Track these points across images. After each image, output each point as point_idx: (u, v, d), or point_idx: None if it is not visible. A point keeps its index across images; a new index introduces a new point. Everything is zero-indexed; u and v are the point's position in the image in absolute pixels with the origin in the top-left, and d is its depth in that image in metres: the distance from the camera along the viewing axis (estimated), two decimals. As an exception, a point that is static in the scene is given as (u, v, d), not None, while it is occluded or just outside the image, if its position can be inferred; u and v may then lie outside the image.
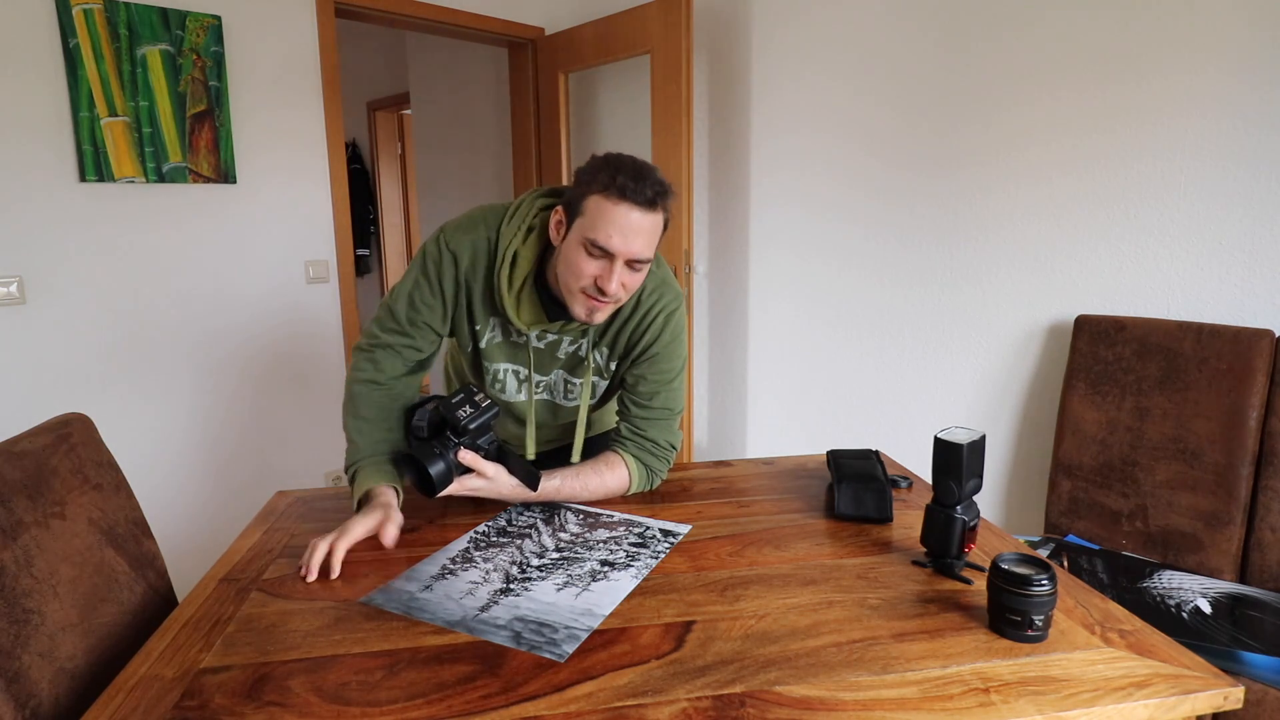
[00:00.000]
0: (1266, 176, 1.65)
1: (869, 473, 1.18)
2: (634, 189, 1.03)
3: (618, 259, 1.05)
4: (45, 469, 0.93)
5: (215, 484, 2.49)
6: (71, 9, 2.06)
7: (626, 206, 1.03)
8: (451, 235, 1.17)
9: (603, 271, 1.06)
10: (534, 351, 1.22)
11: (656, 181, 1.06)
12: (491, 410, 1.11)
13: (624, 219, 1.04)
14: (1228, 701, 0.73)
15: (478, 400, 1.10)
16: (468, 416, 1.08)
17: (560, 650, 0.79)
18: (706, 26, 2.76)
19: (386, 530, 1.05)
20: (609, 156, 1.08)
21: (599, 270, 1.06)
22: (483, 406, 1.10)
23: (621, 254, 1.05)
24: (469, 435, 1.08)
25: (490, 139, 3.82)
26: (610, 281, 1.06)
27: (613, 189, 1.03)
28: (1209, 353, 1.67)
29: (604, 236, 1.04)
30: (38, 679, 0.77)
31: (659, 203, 1.06)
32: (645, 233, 1.05)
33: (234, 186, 2.43)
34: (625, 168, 1.05)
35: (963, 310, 2.21)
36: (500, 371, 1.25)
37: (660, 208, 1.07)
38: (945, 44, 2.15)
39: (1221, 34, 1.68)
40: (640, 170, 1.05)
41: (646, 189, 1.04)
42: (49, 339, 2.13)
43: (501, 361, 1.24)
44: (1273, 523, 1.56)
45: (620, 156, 1.08)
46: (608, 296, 1.07)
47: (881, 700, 0.71)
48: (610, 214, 1.04)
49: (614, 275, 1.06)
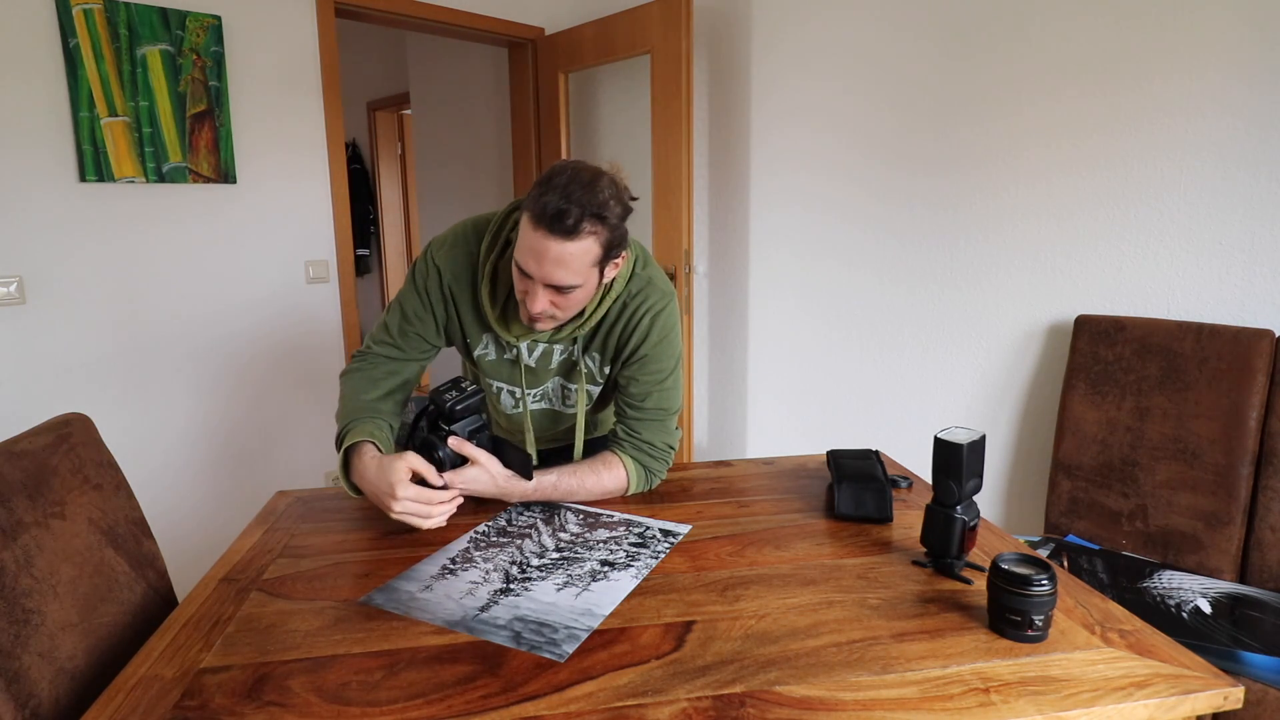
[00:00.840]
0: (1266, 177, 1.65)
1: (869, 473, 1.18)
2: (553, 217, 0.96)
3: (537, 283, 1.03)
4: (45, 469, 0.93)
5: (215, 484, 2.49)
6: (71, 9, 2.06)
7: (541, 234, 0.98)
8: (437, 251, 1.19)
9: (527, 289, 1.05)
10: (525, 369, 1.23)
11: (586, 204, 0.97)
12: (477, 394, 1.13)
13: (538, 245, 0.99)
14: (1228, 701, 0.73)
15: (464, 386, 1.13)
16: (453, 399, 1.11)
17: (560, 650, 0.79)
18: (706, 26, 2.76)
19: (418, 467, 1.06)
20: (554, 169, 1.01)
21: (525, 288, 1.06)
22: (468, 390, 1.12)
23: (538, 280, 1.02)
24: (456, 418, 1.11)
25: (490, 139, 3.82)
26: (534, 302, 1.04)
27: (535, 212, 0.98)
28: (1209, 353, 1.67)
29: (521, 258, 1.02)
30: (38, 679, 0.77)
31: (580, 229, 0.98)
32: (563, 263, 0.99)
33: (234, 186, 2.43)
34: (555, 187, 0.97)
35: (963, 310, 2.21)
36: (495, 389, 1.28)
37: (584, 234, 0.98)
38: (946, 44, 2.15)
39: (1221, 36, 1.68)
40: (569, 190, 0.97)
41: (569, 215, 0.96)
42: (49, 339, 2.13)
43: (498, 380, 1.27)
44: (1273, 523, 1.56)
45: (564, 170, 1.00)
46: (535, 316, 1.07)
47: (881, 700, 0.71)
48: (528, 238, 1.00)
49: (536, 297, 1.04)
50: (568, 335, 1.19)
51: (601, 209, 0.99)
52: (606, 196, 1.00)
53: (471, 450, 1.10)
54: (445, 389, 1.12)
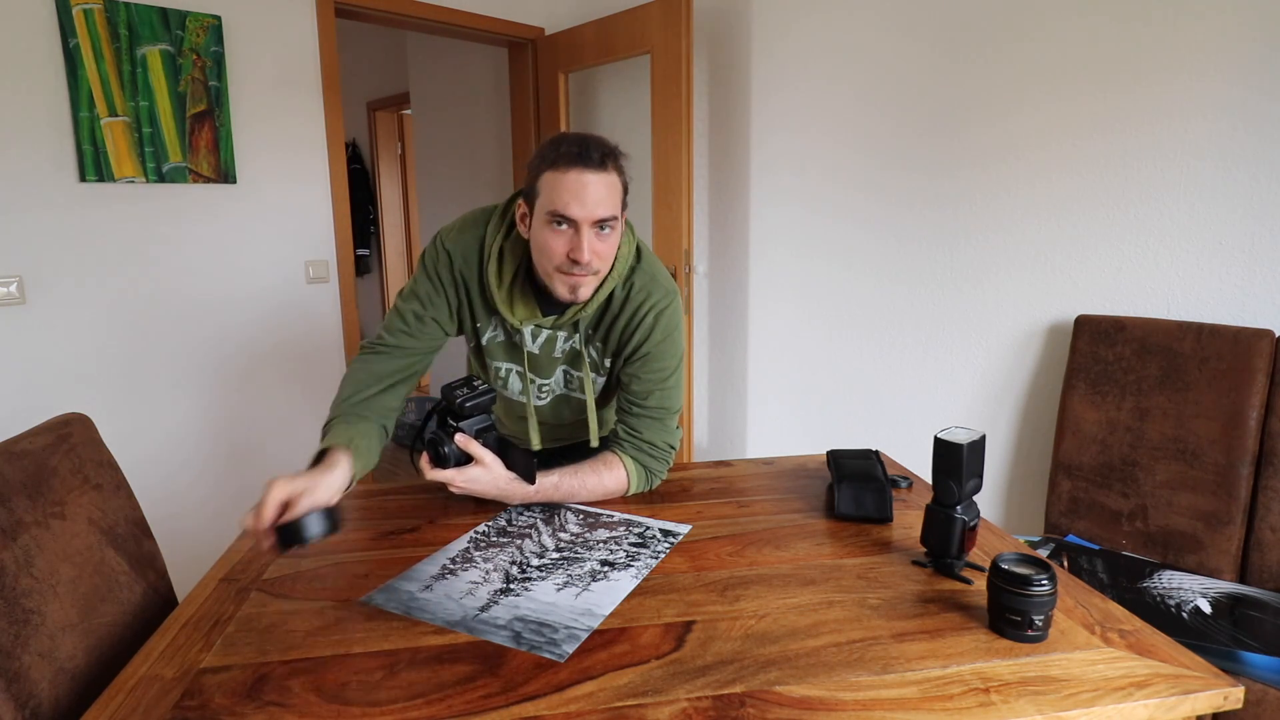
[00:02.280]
0: (1266, 177, 1.65)
1: (869, 473, 1.18)
2: (579, 154, 1.05)
3: (582, 225, 1.06)
4: (45, 469, 0.93)
5: (215, 484, 2.49)
6: (71, 9, 2.06)
7: (577, 171, 1.04)
8: (446, 236, 1.21)
9: (572, 243, 1.07)
10: (529, 355, 1.23)
11: (601, 144, 1.07)
12: (488, 394, 1.13)
13: (577, 184, 1.05)
14: (1228, 701, 0.73)
15: (476, 385, 1.13)
16: (464, 396, 1.11)
17: (560, 650, 0.79)
18: (706, 27, 2.76)
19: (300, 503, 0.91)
20: (552, 137, 1.10)
21: (568, 243, 1.07)
22: (479, 389, 1.13)
23: (583, 219, 1.06)
24: (465, 415, 1.11)
25: (490, 139, 3.82)
26: (581, 250, 1.07)
27: (559, 160, 1.05)
28: (1209, 353, 1.67)
29: (563, 204, 1.05)
30: (38, 679, 0.77)
31: (608, 162, 1.07)
32: (602, 192, 1.06)
33: (234, 186, 2.43)
34: (568, 139, 1.07)
35: (963, 310, 2.21)
36: (503, 370, 1.27)
37: (611, 167, 1.07)
38: (946, 44, 2.15)
39: (1220, 37, 1.68)
40: (583, 138, 1.07)
41: (592, 151, 1.05)
42: (49, 339, 2.13)
43: (504, 361, 1.26)
44: (1273, 523, 1.56)
45: (563, 133, 1.10)
46: (583, 267, 1.08)
47: (881, 700, 0.71)
48: (563, 183, 1.05)
49: (583, 243, 1.06)
50: (569, 320, 1.18)
51: (614, 148, 1.09)
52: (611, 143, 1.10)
53: (477, 449, 1.11)
54: (457, 385, 1.13)
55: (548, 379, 1.27)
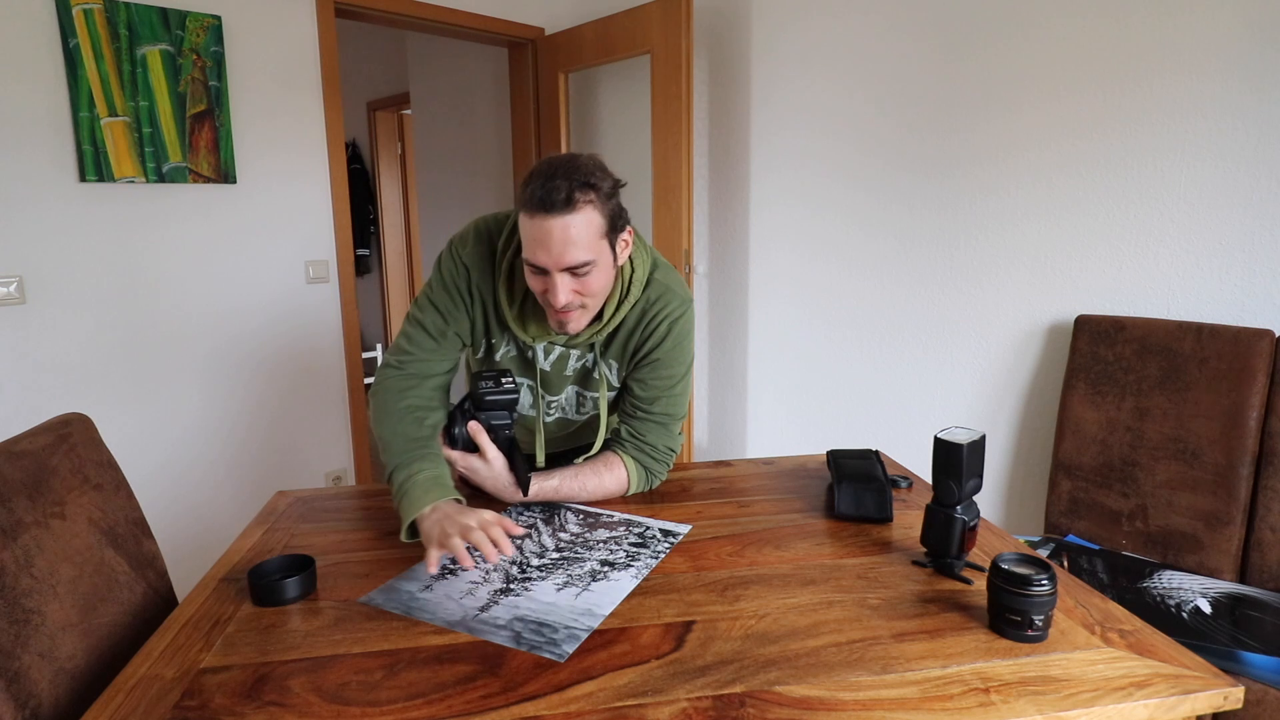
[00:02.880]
0: (1266, 177, 1.65)
1: (869, 473, 1.18)
2: (542, 197, 0.98)
3: (553, 272, 1.03)
4: (45, 469, 0.93)
5: (215, 484, 2.49)
6: (71, 9, 2.06)
7: (540, 218, 0.99)
8: (461, 248, 1.17)
9: (546, 285, 1.05)
10: (541, 373, 1.22)
11: (571, 176, 0.99)
12: (512, 393, 1.13)
13: (540, 232, 1.00)
14: (1228, 701, 0.73)
15: (504, 381, 1.13)
16: (487, 389, 1.12)
17: (560, 650, 0.79)
18: (706, 27, 2.76)
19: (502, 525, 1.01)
20: (537, 165, 1.03)
21: (543, 285, 1.05)
22: (505, 386, 1.12)
23: (552, 267, 1.02)
24: (483, 407, 1.12)
25: (490, 139, 3.82)
26: (557, 295, 1.03)
27: (527, 203, 1.00)
28: (1209, 353, 1.67)
29: (530, 254, 1.02)
30: (38, 679, 0.77)
31: (577, 199, 0.99)
32: (570, 236, 1.00)
33: (234, 186, 2.43)
34: (539, 174, 1.00)
35: (962, 310, 2.21)
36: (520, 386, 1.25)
37: (582, 204, 1.00)
38: (946, 44, 2.15)
39: (1221, 37, 1.67)
40: (553, 172, 0.99)
41: (558, 191, 0.98)
42: (49, 339, 2.13)
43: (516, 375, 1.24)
44: (1273, 523, 1.56)
45: (543, 162, 1.02)
46: (561, 310, 1.06)
47: (881, 700, 0.71)
48: (529, 231, 1.01)
49: (558, 288, 1.03)
50: (585, 340, 1.18)
51: (588, 177, 1.01)
52: (591, 168, 1.02)
53: (484, 441, 1.12)
54: (488, 375, 1.13)
55: (556, 396, 1.26)
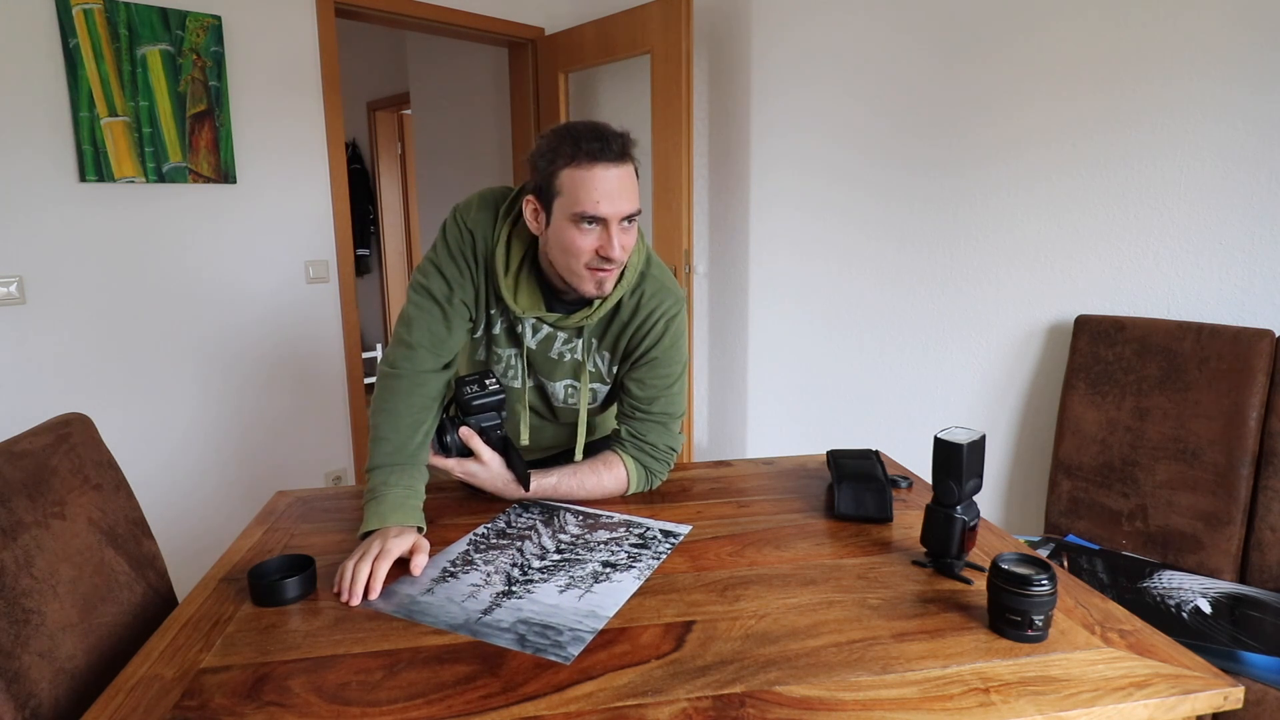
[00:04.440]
0: (1266, 177, 1.65)
1: (869, 473, 1.18)
2: (601, 149, 1.01)
3: (612, 223, 1.04)
4: (45, 469, 0.93)
5: (215, 484, 2.49)
6: (71, 9, 2.06)
7: (602, 168, 1.02)
8: (465, 212, 1.16)
9: (601, 241, 1.05)
10: (527, 350, 1.21)
11: (618, 135, 1.04)
12: (498, 394, 1.13)
13: (603, 182, 1.02)
14: (1228, 701, 0.73)
15: (488, 383, 1.14)
16: (472, 394, 1.12)
17: (566, 653, 0.79)
18: (706, 27, 2.76)
19: (417, 558, 0.98)
20: (559, 129, 1.05)
21: (597, 241, 1.05)
22: (490, 388, 1.13)
23: (612, 216, 1.04)
24: (472, 412, 1.12)
25: (490, 139, 3.82)
26: (612, 247, 1.05)
27: (581, 157, 1.01)
28: (1209, 353, 1.67)
29: (592, 205, 1.02)
30: (38, 679, 0.77)
31: (628, 153, 1.05)
32: (628, 187, 1.05)
33: (234, 186, 2.43)
34: (584, 133, 1.03)
35: (963, 310, 2.21)
36: (511, 356, 1.23)
37: (630, 157, 1.05)
38: (946, 45, 2.15)
39: (1221, 37, 1.67)
40: (598, 129, 1.03)
41: (613, 144, 1.02)
42: (49, 339, 2.13)
43: (508, 347, 1.22)
44: (1273, 523, 1.56)
45: (571, 125, 1.05)
46: (613, 263, 1.07)
47: (881, 700, 0.71)
48: (589, 182, 1.02)
49: (613, 240, 1.05)
50: (574, 324, 1.17)
51: (628, 135, 1.06)
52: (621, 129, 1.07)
53: (478, 445, 1.12)
54: (470, 380, 1.13)
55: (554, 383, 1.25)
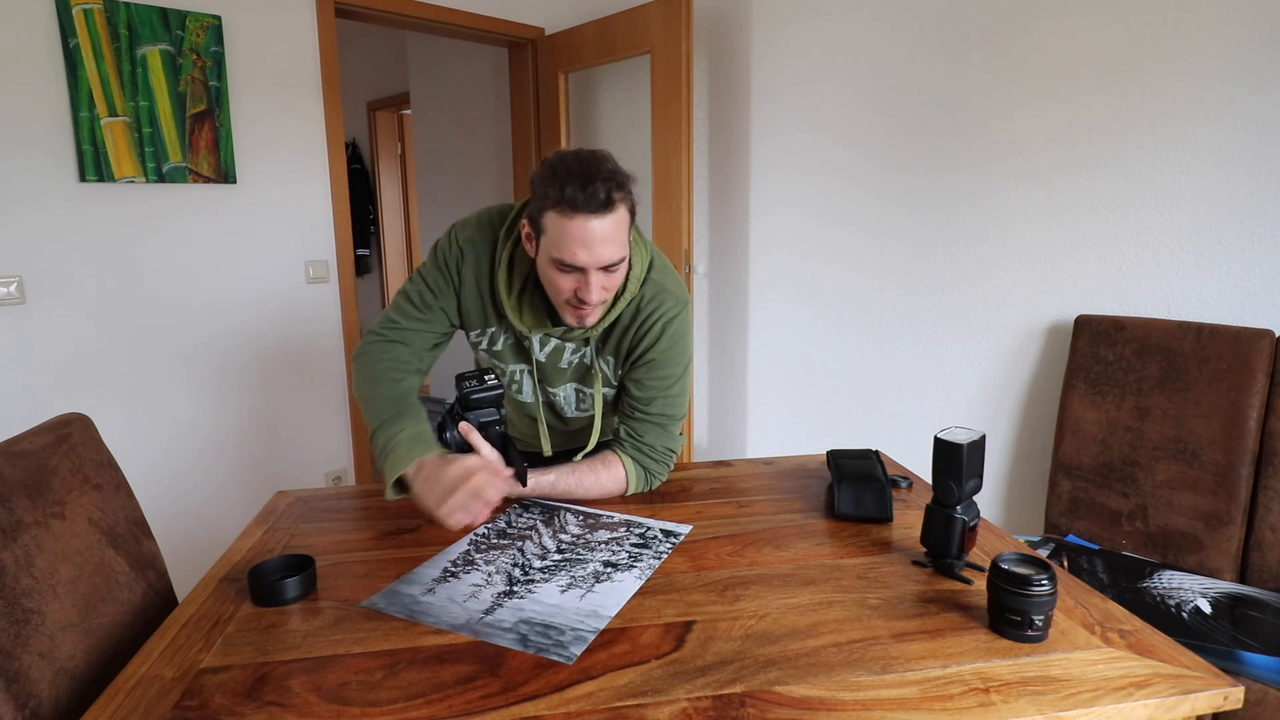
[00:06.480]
0: (1266, 177, 1.65)
1: (869, 473, 1.18)
2: (584, 198, 0.98)
3: (590, 270, 1.04)
4: (45, 469, 0.93)
5: (215, 484, 2.49)
6: (71, 9, 2.06)
7: (582, 219, 1.00)
8: (461, 232, 1.20)
9: (579, 284, 1.06)
10: (537, 363, 1.23)
11: (607, 177, 1.00)
12: (495, 389, 1.14)
13: (582, 233, 1.01)
14: (1228, 701, 0.73)
15: (487, 379, 1.15)
16: (471, 388, 1.13)
17: (568, 653, 0.79)
18: (706, 27, 2.76)
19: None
20: (555, 163, 1.02)
21: (575, 283, 1.07)
22: (488, 384, 1.14)
23: (590, 266, 1.04)
24: (470, 406, 1.13)
25: (490, 139, 3.82)
26: (589, 292, 1.06)
27: (564, 204, 1.00)
28: (1209, 353, 1.67)
29: (569, 255, 1.03)
30: (38, 679, 0.77)
31: (614, 200, 1.01)
32: (609, 237, 1.02)
33: (234, 186, 2.43)
34: (572, 175, 0.99)
35: (963, 310, 2.21)
36: (517, 373, 1.27)
37: (617, 204, 1.02)
38: (946, 44, 2.15)
39: (1221, 37, 1.67)
40: (587, 172, 1.00)
41: (598, 192, 0.99)
42: (49, 339, 2.13)
43: (516, 363, 1.26)
44: (1273, 523, 1.56)
45: (565, 160, 1.02)
46: (589, 305, 1.08)
47: (881, 700, 0.71)
48: (569, 231, 1.01)
49: (590, 286, 1.05)
50: (580, 335, 1.18)
51: (618, 175, 1.03)
52: (615, 165, 1.05)
53: (477, 440, 1.13)
54: (469, 376, 1.15)
55: (556, 389, 1.26)
